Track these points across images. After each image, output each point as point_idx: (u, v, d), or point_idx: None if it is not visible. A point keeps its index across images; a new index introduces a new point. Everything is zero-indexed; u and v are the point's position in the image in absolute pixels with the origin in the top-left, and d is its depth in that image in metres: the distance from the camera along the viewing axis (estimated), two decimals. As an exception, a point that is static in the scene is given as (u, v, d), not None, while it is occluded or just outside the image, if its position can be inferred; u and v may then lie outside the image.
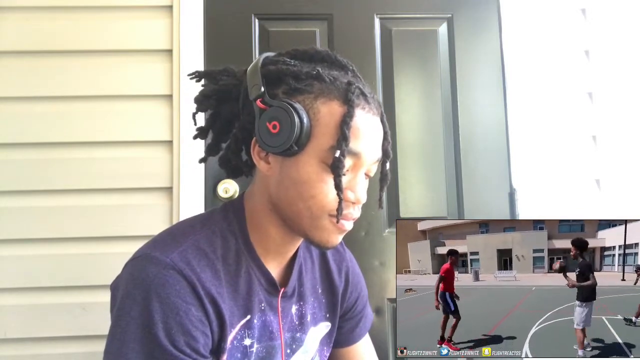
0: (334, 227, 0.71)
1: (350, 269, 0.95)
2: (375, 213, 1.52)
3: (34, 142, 1.43)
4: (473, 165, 1.58)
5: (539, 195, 1.55)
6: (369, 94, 0.73)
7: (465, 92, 1.60)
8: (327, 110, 0.69)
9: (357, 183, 0.71)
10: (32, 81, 1.44)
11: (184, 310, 0.66)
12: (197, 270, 0.69)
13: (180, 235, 0.73)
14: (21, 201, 1.41)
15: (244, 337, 0.74)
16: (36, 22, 1.46)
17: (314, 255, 0.90)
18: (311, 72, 0.72)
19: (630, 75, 1.61)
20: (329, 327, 0.89)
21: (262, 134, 0.70)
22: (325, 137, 0.69)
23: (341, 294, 0.91)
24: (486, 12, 1.63)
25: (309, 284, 0.86)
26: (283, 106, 0.68)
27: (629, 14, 1.63)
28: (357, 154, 0.70)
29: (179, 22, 1.48)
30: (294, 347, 0.82)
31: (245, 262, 0.76)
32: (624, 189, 1.57)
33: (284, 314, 0.80)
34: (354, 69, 0.78)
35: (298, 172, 0.70)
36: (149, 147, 1.45)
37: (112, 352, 0.66)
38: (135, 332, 0.65)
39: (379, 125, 0.74)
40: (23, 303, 1.38)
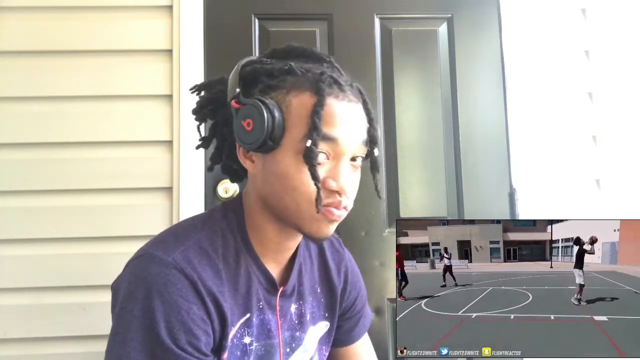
0: (323, 217, 0.71)
1: (349, 268, 0.95)
2: (375, 213, 1.52)
3: (34, 142, 1.43)
4: (473, 165, 1.58)
5: (539, 195, 1.55)
6: (344, 82, 0.73)
7: (465, 92, 1.60)
8: (299, 102, 0.70)
9: (339, 171, 0.70)
10: (32, 81, 1.44)
11: (185, 309, 0.67)
12: (198, 270, 0.69)
13: (181, 235, 0.74)
14: (21, 201, 1.41)
15: (243, 335, 0.75)
16: (36, 22, 1.46)
17: (313, 255, 0.91)
18: (284, 67, 0.73)
19: (630, 75, 1.61)
20: (327, 326, 0.90)
21: (239, 133, 0.72)
22: (298, 128, 0.69)
23: (340, 294, 0.91)
24: (486, 12, 1.63)
25: (308, 283, 0.86)
26: (254, 103, 0.70)
27: (629, 14, 1.63)
28: (333, 139, 0.69)
29: (179, 22, 1.48)
30: (293, 346, 0.83)
31: (244, 260, 0.76)
32: (624, 189, 1.57)
33: (283, 313, 0.81)
34: (331, 61, 0.78)
35: (278, 166, 0.71)
36: (149, 147, 1.45)
37: (113, 351, 0.66)
38: (137, 330, 0.65)
39: (360, 112, 0.74)
40: (23, 303, 1.38)
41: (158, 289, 0.66)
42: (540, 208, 1.53)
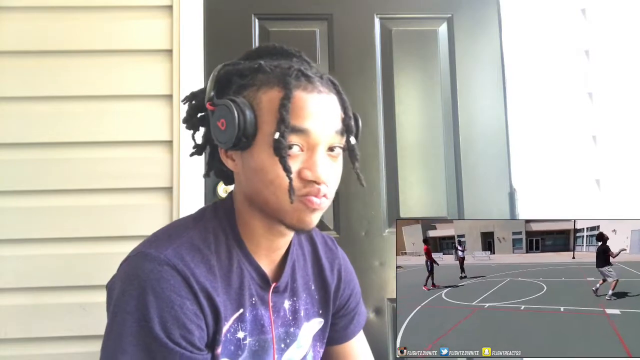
0: (303, 206, 0.72)
1: (343, 266, 0.96)
2: (375, 213, 1.52)
3: (34, 142, 1.43)
4: (473, 165, 1.58)
5: (539, 195, 1.55)
6: (313, 74, 0.74)
7: (465, 92, 1.60)
8: (268, 98, 0.72)
9: (314, 162, 0.71)
10: (32, 81, 1.44)
11: (178, 304, 0.68)
12: (191, 266, 0.71)
13: (173, 233, 0.75)
14: (21, 201, 1.41)
15: (237, 330, 0.76)
16: (36, 22, 1.46)
17: (307, 253, 0.92)
18: (253, 66, 0.75)
19: (630, 75, 1.61)
20: (321, 323, 0.91)
21: (215, 133, 0.75)
22: (268, 124, 0.71)
23: (334, 291, 0.93)
24: (486, 12, 1.63)
25: (301, 280, 0.88)
26: (225, 103, 0.72)
27: (629, 14, 1.64)
28: (305, 131, 0.71)
29: (179, 22, 1.48)
30: (287, 342, 0.84)
31: (236, 257, 0.78)
32: (624, 189, 1.57)
33: (276, 309, 0.82)
34: (300, 55, 0.80)
35: (255, 162, 0.73)
36: (149, 147, 1.46)
37: (109, 347, 0.68)
38: (132, 326, 0.66)
39: (333, 102, 0.75)
40: (23, 303, 1.38)
41: (151, 285, 0.67)
42: (540, 208, 1.53)
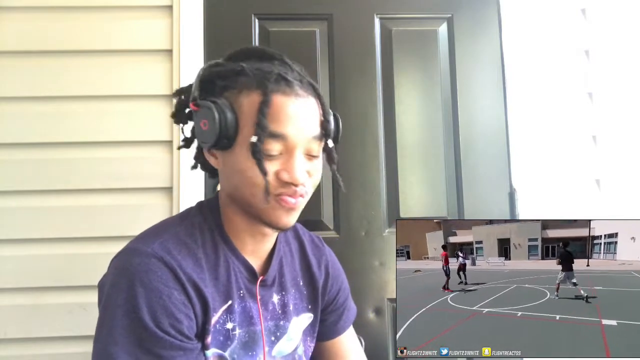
0: (279, 206, 0.75)
1: (330, 262, 0.98)
2: (375, 213, 1.52)
3: (34, 142, 1.43)
4: (473, 165, 1.58)
5: (539, 195, 1.55)
6: (293, 78, 0.75)
7: (465, 92, 1.60)
8: (249, 101, 0.74)
9: (292, 164, 0.74)
10: (32, 81, 1.44)
11: (166, 294, 0.70)
12: (178, 258, 0.73)
13: (160, 230, 0.79)
14: (21, 201, 1.41)
15: (226, 321, 0.78)
16: (36, 22, 1.46)
17: (294, 250, 0.94)
18: (236, 68, 0.77)
19: (630, 75, 1.61)
20: (311, 318, 0.92)
21: (197, 133, 0.78)
22: (248, 127, 0.73)
23: (322, 286, 0.94)
24: (486, 12, 1.63)
25: (289, 275, 0.90)
26: (207, 104, 0.74)
27: (629, 14, 1.64)
28: (282, 135, 0.72)
29: (179, 22, 1.48)
30: (278, 335, 0.86)
31: (222, 251, 0.80)
32: (624, 189, 1.57)
33: (264, 302, 0.84)
34: (282, 58, 0.81)
35: (235, 162, 0.75)
36: (149, 147, 1.46)
37: (101, 340, 0.69)
38: (122, 318, 0.68)
39: (312, 106, 0.76)
40: (23, 303, 1.38)
41: (140, 277, 0.70)
42: (540, 208, 1.53)
